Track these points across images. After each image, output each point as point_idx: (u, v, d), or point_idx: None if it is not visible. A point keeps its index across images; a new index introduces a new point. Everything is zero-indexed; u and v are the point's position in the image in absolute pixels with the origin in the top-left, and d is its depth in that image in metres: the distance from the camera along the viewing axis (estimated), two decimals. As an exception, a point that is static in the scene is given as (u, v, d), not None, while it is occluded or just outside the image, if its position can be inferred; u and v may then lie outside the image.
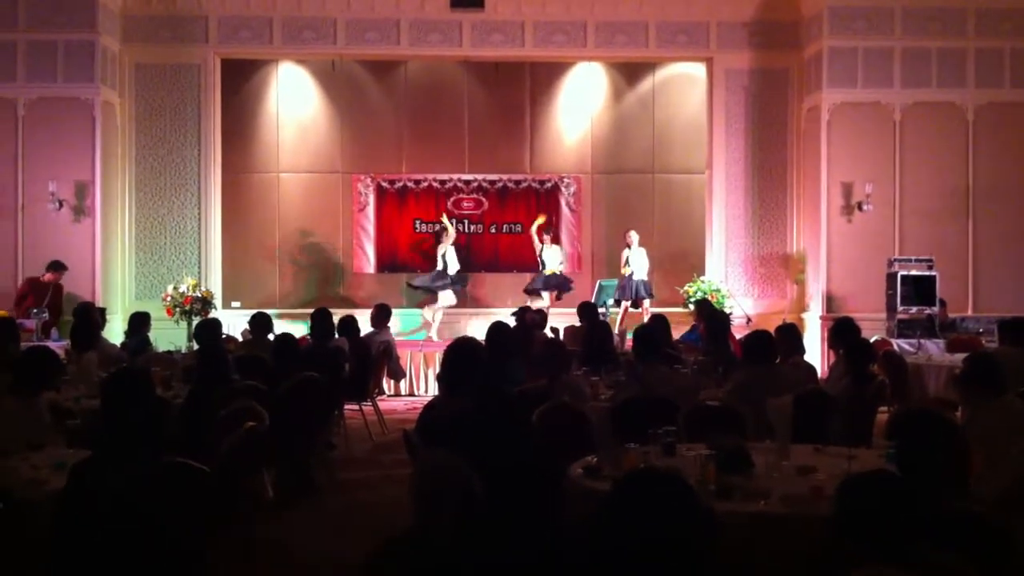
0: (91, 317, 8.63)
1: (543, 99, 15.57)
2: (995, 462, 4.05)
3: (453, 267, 13.70)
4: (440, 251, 13.70)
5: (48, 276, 11.97)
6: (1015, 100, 13.11)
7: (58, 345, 9.13)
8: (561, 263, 14.07)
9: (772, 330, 7.17)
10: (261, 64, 15.05)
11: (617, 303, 13.43)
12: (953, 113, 13.16)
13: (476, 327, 12.80)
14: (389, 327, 10.42)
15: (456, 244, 13.99)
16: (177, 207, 13.57)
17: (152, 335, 9.86)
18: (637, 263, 13.26)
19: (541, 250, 13.89)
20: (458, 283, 13.84)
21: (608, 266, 14.19)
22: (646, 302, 13.15)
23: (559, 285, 13.84)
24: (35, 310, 12.00)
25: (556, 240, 14.51)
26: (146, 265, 13.51)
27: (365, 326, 10.16)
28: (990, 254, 13.08)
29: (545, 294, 13.77)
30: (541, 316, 10.31)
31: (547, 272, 13.80)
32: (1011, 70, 13.12)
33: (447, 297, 13.68)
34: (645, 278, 13.27)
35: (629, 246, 13.31)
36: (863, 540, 2.65)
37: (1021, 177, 13.12)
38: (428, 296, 13.86)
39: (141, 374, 4.48)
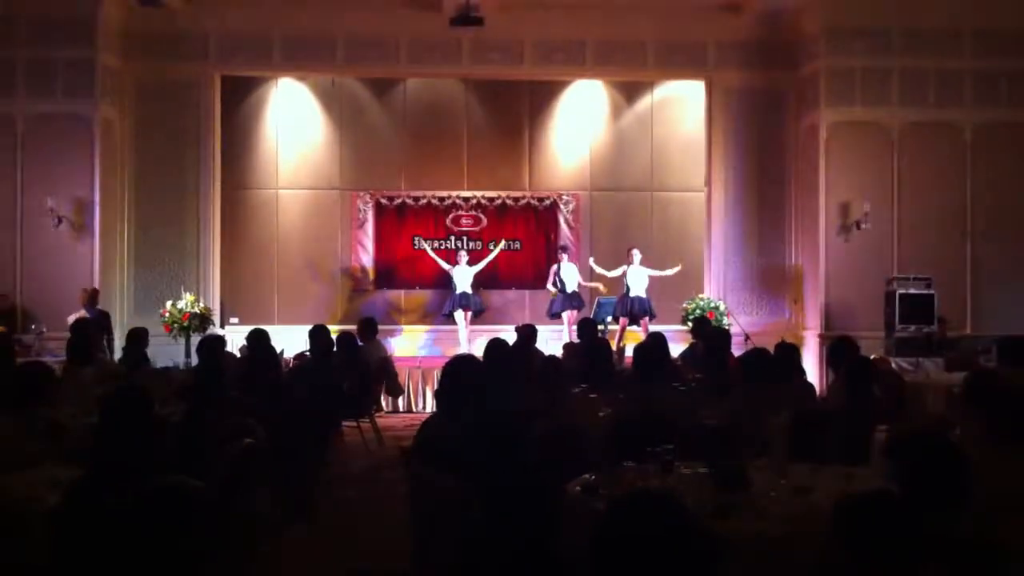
0: (87, 333, 8.61)
1: (542, 117, 15.60)
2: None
3: (459, 287, 13.89)
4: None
5: None
6: (1013, 120, 13.14)
7: (55, 360, 9.10)
8: (579, 282, 13.98)
9: (770, 348, 7.17)
10: (260, 81, 15.08)
11: (616, 320, 13.41)
12: (951, 133, 13.19)
13: (475, 343, 12.79)
14: (381, 341, 10.44)
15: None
16: (176, 223, 13.58)
17: (150, 351, 9.84)
18: (635, 281, 13.26)
19: (558, 269, 13.86)
20: (466, 303, 13.88)
21: (608, 283, 14.18)
22: (646, 319, 13.14)
23: (577, 305, 13.78)
24: (33, 326, 12.00)
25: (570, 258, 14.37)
26: (144, 281, 13.49)
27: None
28: (988, 273, 13.09)
29: (565, 315, 13.71)
30: (530, 329, 10.18)
31: (568, 292, 13.76)
32: (1008, 90, 13.16)
33: (457, 316, 13.87)
34: (643, 295, 13.27)
35: (630, 263, 13.31)
36: (861, 559, 2.64)
37: (1019, 196, 13.14)
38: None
39: (139, 391, 4.47)
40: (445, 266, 14.13)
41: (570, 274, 13.83)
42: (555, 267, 13.92)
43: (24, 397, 5.16)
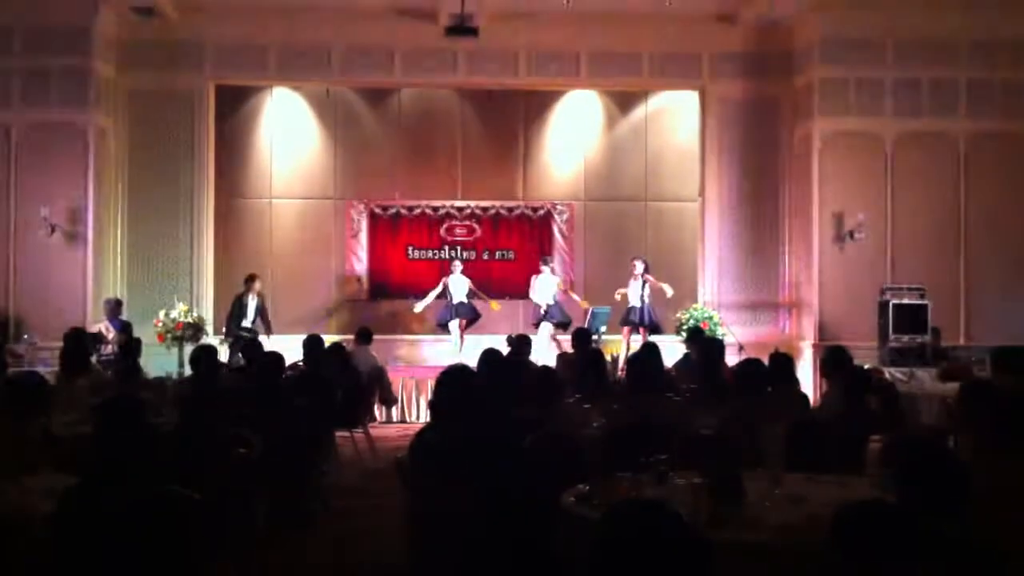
0: (82, 342, 8.59)
1: (536, 126, 15.63)
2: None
3: (454, 297, 13.84)
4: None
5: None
6: (1006, 130, 13.16)
7: (47, 370, 9.07)
8: (554, 294, 13.80)
9: (764, 358, 7.17)
10: (255, 90, 15.10)
11: (622, 327, 13.40)
12: (945, 143, 13.21)
13: (469, 353, 12.77)
14: (372, 351, 10.50)
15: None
16: (169, 233, 13.55)
17: (143, 361, 9.80)
18: (639, 292, 13.29)
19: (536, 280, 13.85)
20: (460, 312, 13.86)
21: (601, 293, 14.19)
22: (644, 329, 13.13)
23: (551, 315, 13.70)
24: (26, 335, 11.97)
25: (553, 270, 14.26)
26: (138, 291, 13.45)
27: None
28: (982, 283, 13.10)
29: (544, 326, 13.64)
30: (523, 341, 10.17)
31: (537, 302, 13.73)
32: (1002, 101, 13.18)
33: (452, 326, 13.86)
34: (645, 304, 13.28)
35: (633, 273, 13.30)
36: (858, 568, 2.63)
37: (1013, 207, 13.16)
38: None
39: (132, 401, 4.45)
40: (438, 289, 14.00)
41: (543, 286, 13.72)
42: (535, 277, 13.87)
43: (17, 407, 5.14)
